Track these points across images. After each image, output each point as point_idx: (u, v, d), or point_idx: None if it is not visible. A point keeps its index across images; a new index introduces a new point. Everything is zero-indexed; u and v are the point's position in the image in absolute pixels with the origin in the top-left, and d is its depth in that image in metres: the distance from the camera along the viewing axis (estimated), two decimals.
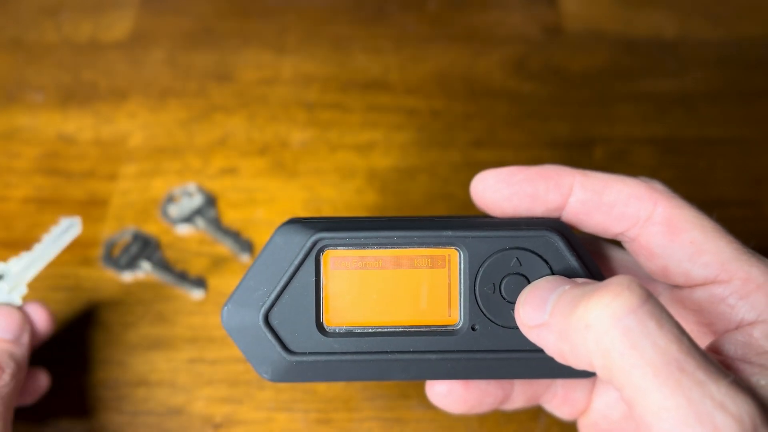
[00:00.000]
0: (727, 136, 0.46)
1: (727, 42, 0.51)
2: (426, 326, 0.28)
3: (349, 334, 0.28)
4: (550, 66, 0.50)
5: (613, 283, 0.22)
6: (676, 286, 0.28)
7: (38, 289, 0.40)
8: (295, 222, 0.28)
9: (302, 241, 0.27)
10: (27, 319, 0.35)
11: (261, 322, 0.27)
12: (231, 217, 0.43)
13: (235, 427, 0.36)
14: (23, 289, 0.35)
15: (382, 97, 0.49)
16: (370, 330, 0.28)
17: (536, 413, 0.36)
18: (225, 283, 0.41)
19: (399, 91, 0.49)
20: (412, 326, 0.28)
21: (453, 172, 0.45)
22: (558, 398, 0.32)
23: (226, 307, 0.28)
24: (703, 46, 0.51)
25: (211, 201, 0.44)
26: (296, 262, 0.27)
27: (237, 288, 0.28)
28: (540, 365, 0.27)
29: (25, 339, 0.34)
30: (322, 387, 0.37)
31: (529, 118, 0.47)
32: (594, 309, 0.22)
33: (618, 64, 0.50)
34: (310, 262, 0.27)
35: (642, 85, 0.49)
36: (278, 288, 0.27)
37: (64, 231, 0.36)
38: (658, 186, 0.27)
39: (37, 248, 0.35)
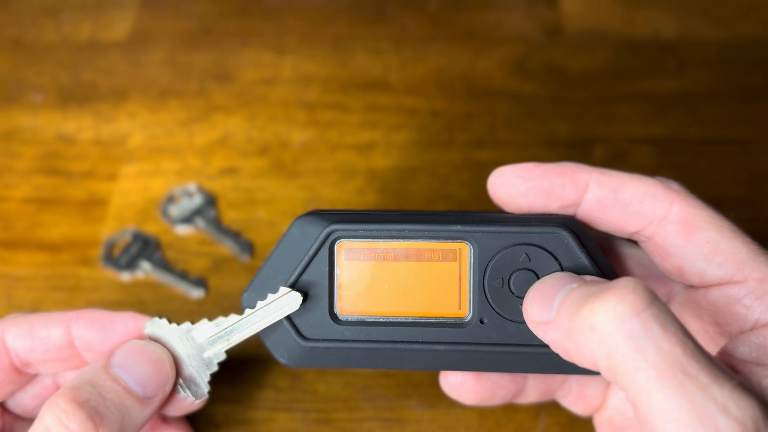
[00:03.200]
0: (727, 136, 0.46)
1: (727, 42, 0.51)
2: (436, 318, 0.28)
3: (360, 323, 0.28)
4: (550, 66, 0.50)
5: (618, 285, 0.22)
6: (692, 286, 0.28)
7: (38, 289, 0.40)
8: (312, 214, 0.29)
9: (317, 232, 0.28)
10: (174, 377, 0.27)
11: None
12: (231, 217, 0.43)
13: (235, 427, 0.36)
14: (222, 356, 0.29)
15: (382, 97, 0.49)
16: (381, 320, 0.29)
17: (536, 413, 0.36)
18: (225, 283, 0.41)
19: (399, 91, 0.49)
20: (422, 317, 0.28)
21: (453, 172, 0.45)
22: (573, 394, 0.32)
23: (245, 294, 0.29)
24: (703, 46, 0.51)
25: (211, 201, 0.44)
26: (311, 252, 0.28)
27: (256, 276, 0.29)
28: (548, 360, 0.28)
29: (157, 403, 0.27)
30: (322, 387, 0.37)
31: (529, 118, 0.47)
32: (599, 311, 0.22)
33: (618, 64, 0.50)
34: (324, 252, 0.28)
35: (642, 85, 0.49)
36: (294, 277, 0.28)
37: (285, 303, 0.28)
38: (675, 185, 0.27)
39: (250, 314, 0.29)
